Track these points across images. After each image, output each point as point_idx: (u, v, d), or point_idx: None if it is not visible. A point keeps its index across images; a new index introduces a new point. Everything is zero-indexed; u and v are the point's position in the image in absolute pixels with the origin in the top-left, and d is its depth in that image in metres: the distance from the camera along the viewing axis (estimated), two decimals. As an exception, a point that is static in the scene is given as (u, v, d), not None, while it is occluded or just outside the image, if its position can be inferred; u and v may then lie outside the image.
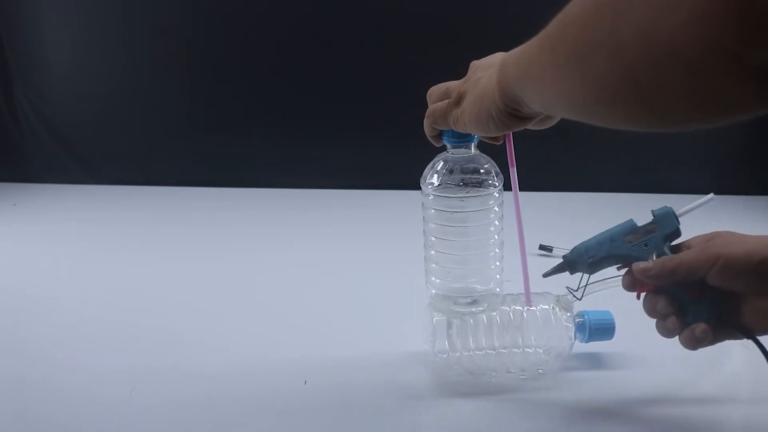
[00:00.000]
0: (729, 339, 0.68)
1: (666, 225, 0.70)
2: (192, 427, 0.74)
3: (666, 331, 0.69)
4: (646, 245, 0.71)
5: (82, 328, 0.97)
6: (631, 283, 0.71)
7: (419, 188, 0.79)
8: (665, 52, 0.37)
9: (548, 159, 1.42)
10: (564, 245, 0.77)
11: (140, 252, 1.29)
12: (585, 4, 0.44)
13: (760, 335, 0.66)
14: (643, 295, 0.71)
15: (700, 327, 0.66)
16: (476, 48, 0.70)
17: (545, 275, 0.76)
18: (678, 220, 0.71)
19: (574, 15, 0.45)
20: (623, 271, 0.72)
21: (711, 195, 0.71)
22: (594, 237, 0.73)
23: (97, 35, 1.71)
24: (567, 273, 0.74)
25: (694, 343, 0.67)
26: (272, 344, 0.91)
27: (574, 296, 0.76)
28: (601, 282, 0.76)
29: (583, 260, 0.73)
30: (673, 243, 0.71)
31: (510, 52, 0.59)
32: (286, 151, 1.68)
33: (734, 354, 0.66)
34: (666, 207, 0.72)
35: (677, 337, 0.68)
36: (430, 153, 0.78)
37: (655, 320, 0.70)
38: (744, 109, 0.37)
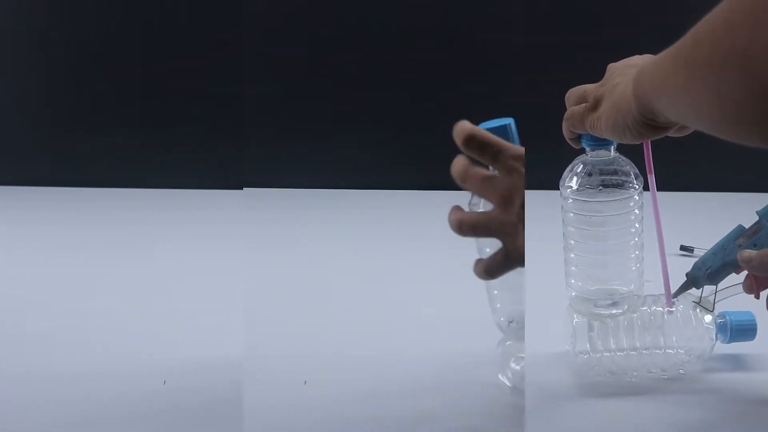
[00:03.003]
0: None
1: None
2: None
3: None
4: (755, 245, 0.73)
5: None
6: (750, 286, 0.74)
7: (420, 188, 0.77)
8: None
9: (685, 159, 1.38)
10: (705, 246, 0.79)
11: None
12: (716, 22, 0.43)
13: None
14: (764, 294, 0.73)
15: None
16: (476, 48, 0.70)
17: (674, 296, 0.78)
18: None
19: (706, 32, 0.45)
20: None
21: None
22: (710, 248, 0.76)
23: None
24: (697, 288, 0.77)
25: None
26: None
27: (706, 309, 0.78)
28: (727, 289, 0.78)
29: (702, 273, 0.76)
30: None
31: (646, 62, 0.59)
32: (285, 151, 1.62)
33: None
34: None
35: None
36: (433, 153, 0.73)
37: None
38: None
